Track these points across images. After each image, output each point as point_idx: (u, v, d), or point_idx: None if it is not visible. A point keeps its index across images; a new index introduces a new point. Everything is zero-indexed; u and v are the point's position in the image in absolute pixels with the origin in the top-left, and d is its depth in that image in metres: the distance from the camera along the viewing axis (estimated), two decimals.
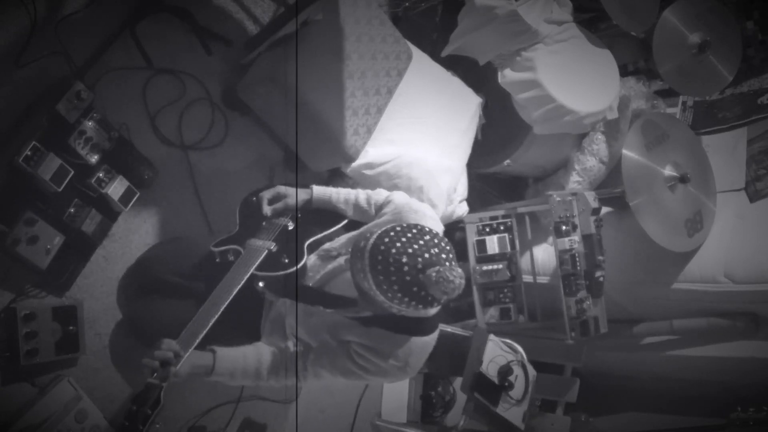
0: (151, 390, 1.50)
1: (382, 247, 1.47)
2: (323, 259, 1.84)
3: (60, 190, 1.94)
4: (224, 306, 1.66)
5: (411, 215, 1.76)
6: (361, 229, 1.84)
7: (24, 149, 1.86)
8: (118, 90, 2.21)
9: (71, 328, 1.99)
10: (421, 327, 1.68)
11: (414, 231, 1.49)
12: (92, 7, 2.14)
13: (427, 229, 1.51)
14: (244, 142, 2.53)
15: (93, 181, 2.03)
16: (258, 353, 1.76)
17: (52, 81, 2.03)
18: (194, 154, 2.40)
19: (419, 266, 1.44)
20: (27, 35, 1.99)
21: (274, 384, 1.78)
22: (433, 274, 1.43)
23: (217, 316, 1.64)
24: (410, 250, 1.45)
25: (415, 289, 1.45)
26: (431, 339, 1.72)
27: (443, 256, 1.47)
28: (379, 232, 1.50)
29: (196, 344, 1.60)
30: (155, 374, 1.53)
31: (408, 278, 1.45)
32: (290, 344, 1.84)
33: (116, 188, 2.08)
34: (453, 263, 1.48)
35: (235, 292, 1.69)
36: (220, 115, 2.47)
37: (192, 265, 1.99)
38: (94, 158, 2.03)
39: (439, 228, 1.77)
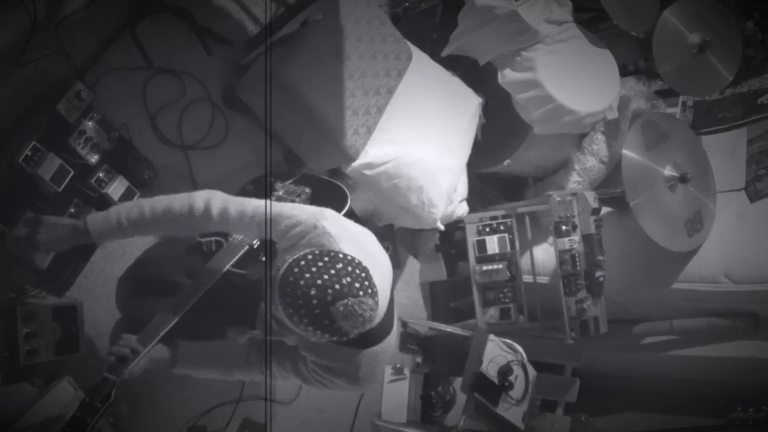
0: (104, 384, 1.50)
1: (291, 278, 1.38)
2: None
3: (60, 190, 1.94)
4: (193, 302, 1.64)
5: (318, 240, 1.56)
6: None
7: (24, 149, 1.86)
8: (118, 90, 2.21)
9: (71, 328, 1.99)
10: (368, 338, 1.57)
11: (326, 259, 1.40)
12: (92, 7, 2.14)
13: (340, 256, 1.42)
14: (244, 142, 2.53)
15: (93, 181, 2.03)
16: (226, 348, 1.73)
17: (52, 81, 2.03)
18: (194, 154, 2.40)
19: (328, 299, 1.36)
20: (27, 35, 1.99)
21: (242, 378, 1.76)
22: (341, 308, 1.36)
23: (183, 312, 1.62)
24: (319, 282, 1.37)
25: (326, 322, 1.38)
26: (382, 347, 1.62)
27: (356, 285, 1.39)
28: (290, 261, 1.42)
29: (157, 339, 1.58)
30: (111, 369, 1.53)
31: (317, 311, 1.37)
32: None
33: (116, 188, 2.08)
34: (368, 291, 1.40)
35: (205, 289, 1.67)
36: (220, 115, 2.47)
37: (190, 264, 1.99)
38: (94, 158, 2.03)
39: (342, 233, 1.58)
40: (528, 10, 2.55)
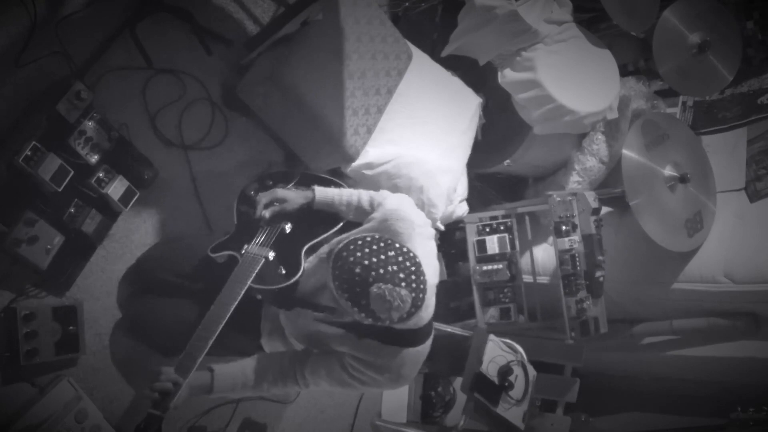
0: (153, 421, 1.50)
1: (344, 254, 1.48)
2: (321, 266, 1.82)
3: (60, 190, 1.94)
4: (221, 326, 1.65)
5: (398, 224, 1.72)
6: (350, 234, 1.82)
7: (24, 149, 1.86)
8: (118, 90, 2.21)
9: (71, 328, 1.99)
10: (413, 338, 1.67)
11: (381, 245, 1.49)
12: (92, 7, 2.13)
13: (396, 246, 1.50)
14: (244, 142, 2.53)
15: (93, 181, 2.03)
16: (257, 365, 1.75)
17: (52, 81, 2.03)
18: (194, 154, 2.40)
19: (369, 279, 1.44)
20: (27, 35, 1.99)
21: (276, 392, 1.79)
22: (374, 290, 1.43)
23: (214, 337, 1.63)
24: (366, 262, 1.45)
25: (363, 301, 1.45)
26: (423, 348, 1.71)
27: (400, 275, 1.46)
28: (349, 239, 1.51)
29: (195, 369, 1.59)
30: (155, 405, 1.52)
31: (357, 289, 1.45)
32: (295, 345, 1.84)
33: (116, 188, 2.08)
34: (411, 285, 1.46)
35: (231, 311, 1.68)
36: (220, 115, 2.47)
37: (191, 265, 1.99)
38: (94, 158, 2.03)
39: (423, 238, 1.74)
40: (528, 10, 2.56)
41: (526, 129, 2.81)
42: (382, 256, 1.46)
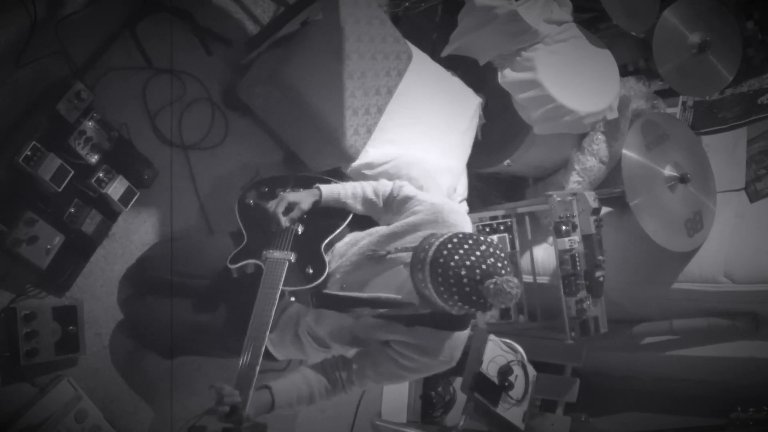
0: None
1: (441, 260, 1.53)
2: (369, 261, 1.84)
3: (60, 190, 1.94)
4: (267, 337, 1.67)
5: (452, 216, 1.79)
6: (394, 228, 1.85)
7: (24, 149, 1.86)
8: (118, 90, 2.21)
9: (71, 328, 1.99)
10: (463, 321, 1.75)
11: (470, 242, 1.54)
12: (92, 7, 2.13)
13: (481, 239, 1.56)
14: (244, 142, 2.53)
15: (93, 181, 2.02)
16: (306, 377, 1.78)
17: (52, 81, 2.03)
18: (194, 154, 2.40)
19: (477, 277, 1.50)
20: (27, 35, 1.99)
21: (325, 402, 1.81)
22: (491, 286, 1.48)
23: (264, 345, 1.66)
24: (468, 262, 1.50)
25: (474, 298, 1.51)
26: (468, 330, 1.80)
27: (499, 265, 1.52)
28: (437, 243, 1.56)
29: (255, 382, 1.61)
30: (228, 418, 1.54)
31: (467, 289, 1.50)
32: (335, 349, 1.86)
33: (116, 188, 2.08)
34: (508, 271, 1.53)
35: (273, 316, 1.70)
36: (220, 115, 2.47)
37: (192, 264, 1.99)
38: (94, 158, 2.03)
39: (470, 224, 1.85)
40: (528, 10, 2.56)
41: (526, 129, 2.81)
42: (478, 253, 1.52)
